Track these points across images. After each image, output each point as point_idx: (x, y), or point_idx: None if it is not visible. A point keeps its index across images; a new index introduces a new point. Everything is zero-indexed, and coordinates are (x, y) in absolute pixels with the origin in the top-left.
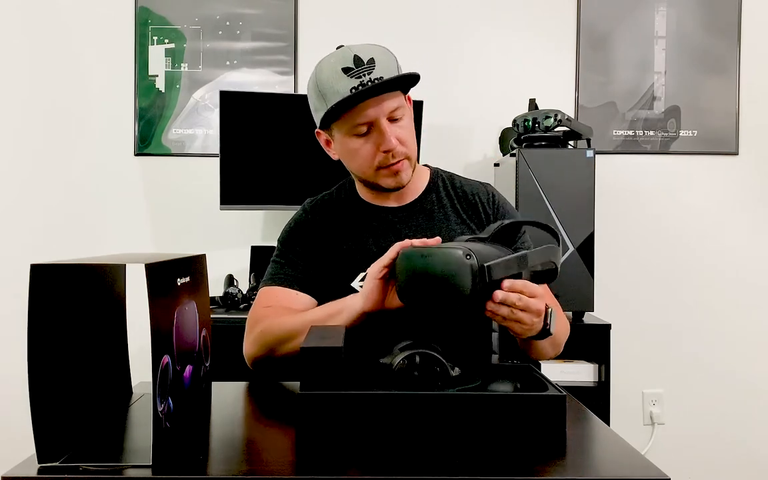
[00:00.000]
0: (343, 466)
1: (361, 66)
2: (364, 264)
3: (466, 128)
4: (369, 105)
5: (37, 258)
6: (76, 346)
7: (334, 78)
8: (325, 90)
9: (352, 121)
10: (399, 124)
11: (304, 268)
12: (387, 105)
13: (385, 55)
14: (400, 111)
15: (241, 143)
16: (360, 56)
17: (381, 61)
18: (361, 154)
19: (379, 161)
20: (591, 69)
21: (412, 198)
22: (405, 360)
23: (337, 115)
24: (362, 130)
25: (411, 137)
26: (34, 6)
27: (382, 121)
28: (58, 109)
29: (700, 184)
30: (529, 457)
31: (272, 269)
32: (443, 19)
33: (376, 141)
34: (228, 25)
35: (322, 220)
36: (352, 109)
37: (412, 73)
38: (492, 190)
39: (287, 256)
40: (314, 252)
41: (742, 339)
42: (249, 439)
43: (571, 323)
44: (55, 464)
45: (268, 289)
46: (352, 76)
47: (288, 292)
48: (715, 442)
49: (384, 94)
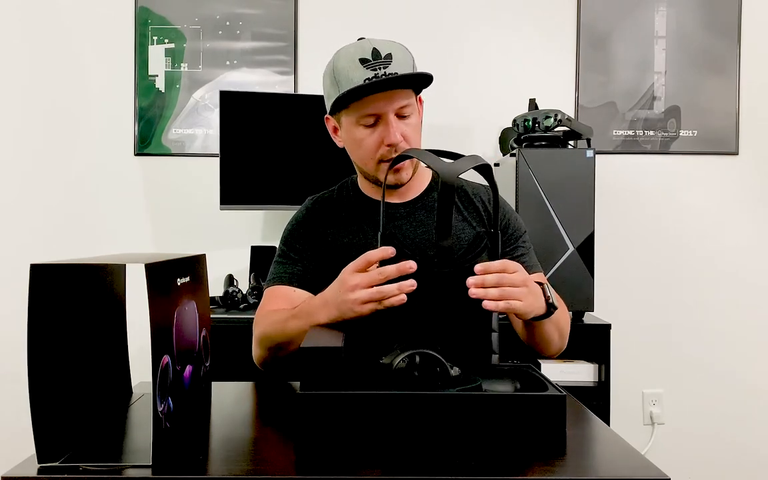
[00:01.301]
0: (343, 466)
1: (378, 59)
2: None
3: (466, 128)
4: (379, 98)
5: (37, 258)
6: (76, 346)
7: (351, 67)
8: (340, 77)
9: (361, 110)
10: (406, 122)
11: (304, 265)
12: (397, 101)
13: (403, 53)
14: (408, 109)
15: (241, 143)
16: (378, 49)
17: (398, 58)
18: (365, 145)
19: (381, 154)
20: (591, 69)
21: (413, 195)
22: (405, 360)
23: (347, 102)
24: (370, 122)
25: (416, 136)
26: (34, 6)
27: (390, 115)
28: (58, 109)
29: (700, 184)
30: (529, 457)
31: (274, 270)
32: (443, 18)
33: (381, 134)
34: (228, 25)
35: (324, 216)
36: (362, 100)
37: (425, 73)
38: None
39: (288, 255)
40: (316, 247)
41: (743, 339)
42: (249, 439)
43: (571, 323)
44: (55, 464)
45: (270, 290)
46: (368, 68)
47: (286, 290)
48: (715, 442)
49: (395, 90)
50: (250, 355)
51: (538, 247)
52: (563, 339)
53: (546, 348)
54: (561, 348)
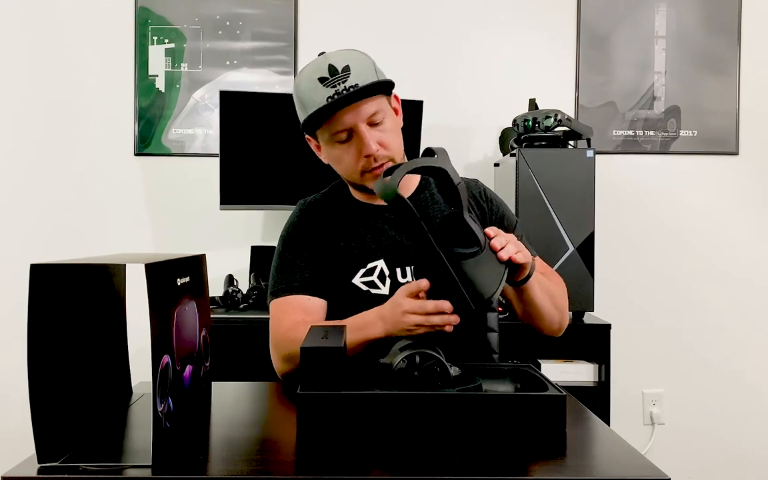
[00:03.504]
0: (343, 466)
1: (336, 75)
2: (364, 260)
3: (466, 128)
4: (346, 112)
5: (37, 258)
6: (76, 346)
7: (312, 88)
8: (304, 99)
9: (331, 129)
10: (380, 128)
11: (312, 270)
12: (365, 111)
13: (361, 61)
14: (379, 115)
15: (241, 143)
16: (334, 65)
17: (356, 68)
18: (345, 160)
19: (362, 166)
20: (591, 69)
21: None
22: (405, 360)
23: (318, 123)
24: (342, 137)
25: (393, 140)
26: (33, 6)
27: (361, 127)
28: (58, 109)
29: (700, 184)
30: (529, 457)
31: (280, 278)
32: (443, 18)
33: (357, 146)
34: (228, 25)
35: (319, 220)
36: (330, 118)
37: (385, 81)
38: (482, 185)
39: (294, 262)
40: (314, 252)
41: (743, 339)
42: (249, 439)
43: (571, 323)
44: (55, 464)
45: (282, 302)
46: (327, 86)
47: (302, 300)
48: (715, 442)
49: (361, 100)
50: (250, 355)
51: (538, 247)
52: (560, 311)
53: (541, 319)
54: (560, 322)
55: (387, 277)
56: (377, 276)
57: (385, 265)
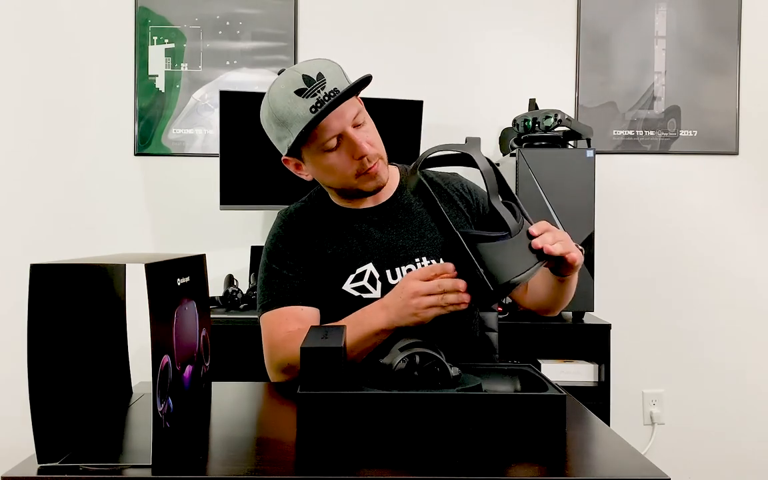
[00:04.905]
0: (343, 466)
1: (313, 83)
2: (352, 266)
3: (466, 128)
4: (332, 119)
5: (37, 258)
6: (76, 346)
7: (290, 103)
8: (285, 117)
9: (320, 139)
10: (364, 129)
11: (300, 279)
12: (348, 114)
13: (331, 67)
14: (361, 116)
15: (241, 143)
16: (308, 74)
17: (329, 74)
18: (338, 167)
19: (357, 168)
20: (591, 69)
21: (386, 197)
22: (405, 360)
23: (306, 138)
24: (332, 145)
25: (377, 137)
26: (34, 6)
27: (349, 130)
28: (58, 109)
29: (700, 184)
30: (529, 457)
31: (269, 291)
32: (443, 18)
33: (348, 151)
34: (228, 25)
35: (303, 230)
36: (317, 128)
37: (366, 77)
38: (460, 177)
39: (280, 273)
40: (302, 262)
41: (743, 339)
42: (249, 439)
43: (571, 323)
44: (55, 464)
45: (273, 315)
46: (307, 96)
47: (295, 310)
48: (715, 442)
49: (342, 104)
50: (250, 355)
51: None
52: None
53: (557, 308)
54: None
55: (377, 280)
56: (368, 280)
57: (374, 268)
